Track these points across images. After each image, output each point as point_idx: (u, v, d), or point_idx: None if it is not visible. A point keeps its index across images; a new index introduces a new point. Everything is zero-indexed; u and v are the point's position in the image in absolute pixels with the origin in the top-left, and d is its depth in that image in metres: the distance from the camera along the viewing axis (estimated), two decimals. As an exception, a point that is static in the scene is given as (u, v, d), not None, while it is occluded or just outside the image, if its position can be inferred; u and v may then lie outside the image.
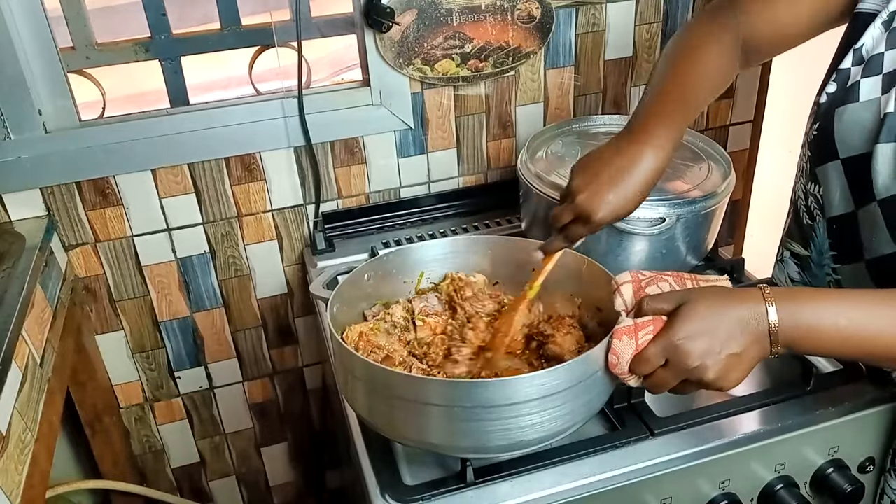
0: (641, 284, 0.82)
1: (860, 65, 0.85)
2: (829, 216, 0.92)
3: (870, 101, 0.83)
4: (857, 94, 0.84)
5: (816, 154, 0.91)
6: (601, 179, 0.86)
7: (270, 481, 1.71)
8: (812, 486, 0.95)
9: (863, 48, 0.85)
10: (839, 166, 0.87)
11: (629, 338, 0.75)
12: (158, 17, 1.33)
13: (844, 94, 0.86)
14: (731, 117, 1.61)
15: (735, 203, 1.70)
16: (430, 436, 0.79)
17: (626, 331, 0.76)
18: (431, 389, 0.76)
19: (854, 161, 0.85)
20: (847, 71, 0.87)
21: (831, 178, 0.89)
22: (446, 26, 1.31)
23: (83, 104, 1.30)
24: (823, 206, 0.93)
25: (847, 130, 0.85)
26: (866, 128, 0.83)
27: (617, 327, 0.77)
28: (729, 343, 0.72)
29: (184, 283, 1.41)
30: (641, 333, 0.75)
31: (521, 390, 0.74)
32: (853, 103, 0.84)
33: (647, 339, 0.75)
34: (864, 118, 0.83)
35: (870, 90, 0.83)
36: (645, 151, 0.86)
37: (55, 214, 1.27)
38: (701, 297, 0.75)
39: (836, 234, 0.92)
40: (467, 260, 1.05)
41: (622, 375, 0.77)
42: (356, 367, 0.81)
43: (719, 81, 0.93)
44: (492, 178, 1.50)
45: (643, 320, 0.76)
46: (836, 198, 0.89)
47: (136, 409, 1.50)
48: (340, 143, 1.37)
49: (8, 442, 0.90)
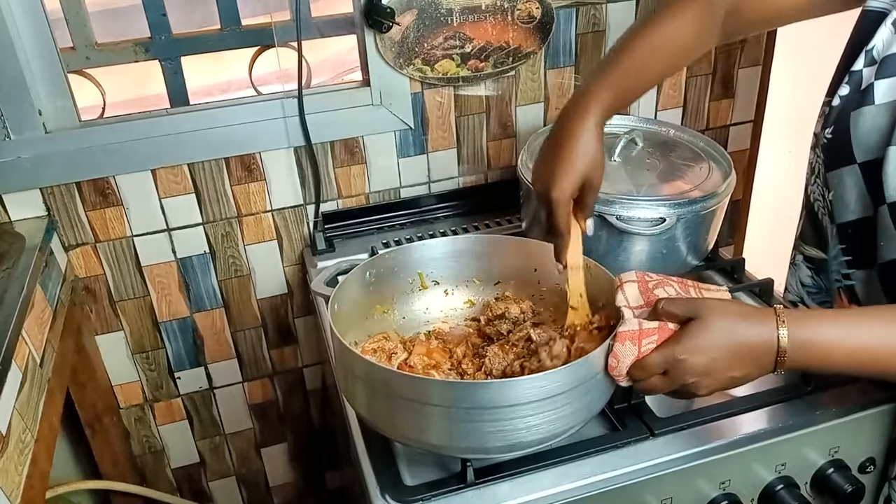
0: (649, 286, 0.81)
1: (872, 66, 0.84)
2: (841, 221, 0.91)
3: (886, 104, 0.82)
4: (872, 96, 0.83)
5: (830, 159, 0.90)
6: (549, 163, 0.86)
7: (270, 482, 1.71)
8: (812, 487, 0.95)
9: (874, 49, 0.84)
10: (856, 170, 0.86)
11: (632, 343, 0.75)
12: (158, 18, 1.33)
13: (859, 97, 0.84)
14: (731, 117, 1.61)
15: (735, 203, 1.70)
16: (429, 436, 0.79)
17: (629, 335, 0.75)
18: (431, 389, 0.76)
19: (871, 165, 0.84)
20: (860, 73, 0.85)
21: (846, 182, 0.88)
22: (446, 26, 1.31)
23: (83, 108, 1.30)
24: (833, 211, 0.92)
25: (865, 134, 0.84)
26: (884, 131, 0.81)
27: (620, 330, 0.76)
28: (732, 367, 0.73)
29: (184, 283, 1.41)
30: (645, 341, 0.75)
31: (520, 392, 0.74)
32: (869, 106, 0.83)
33: (649, 348, 0.75)
34: (881, 121, 0.82)
35: (886, 92, 0.82)
36: (581, 127, 0.85)
37: (55, 214, 1.27)
38: (714, 316, 0.73)
39: (850, 239, 0.91)
40: (468, 259, 1.05)
41: (617, 379, 0.77)
42: (356, 365, 0.80)
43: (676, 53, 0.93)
44: (492, 178, 1.49)
45: (648, 327, 0.75)
46: (852, 202, 0.88)
47: (135, 410, 1.50)
48: (340, 143, 1.37)
49: (8, 442, 0.90)
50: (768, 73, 1.57)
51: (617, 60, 0.90)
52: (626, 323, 0.77)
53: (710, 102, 1.58)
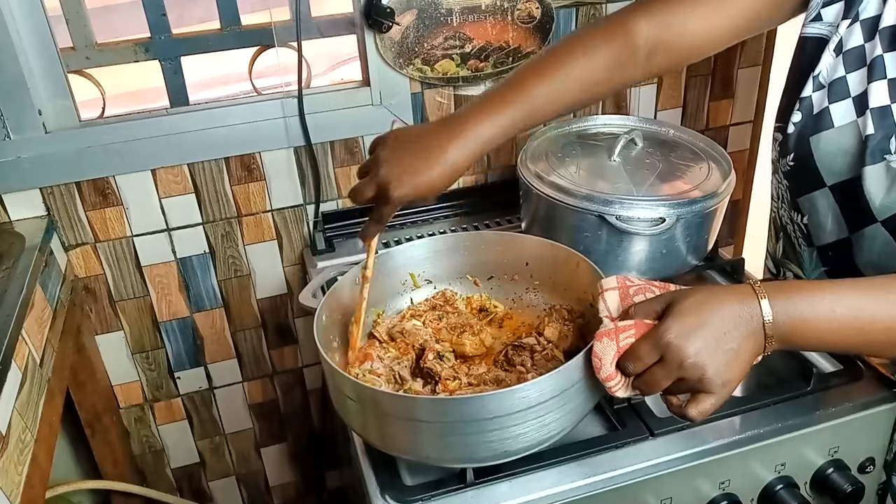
0: (629, 292, 0.80)
1: (821, 90, 0.86)
2: (821, 244, 0.91)
3: (846, 126, 0.83)
4: (829, 120, 0.84)
5: (798, 184, 0.90)
6: (408, 157, 0.84)
7: (270, 481, 1.71)
8: (812, 487, 0.95)
9: (820, 75, 0.86)
10: (827, 193, 0.86)
11: (609, 339, 0.74)
12: (158, 18, 1.33)
13: (815, 122, 0.86)
14: (731, 117, 1.61)
15: (735, 203, 1.70)
16: (420, 450, 0.80)
17: (605, 333, 0.75)
18: (417, 407, 0.77)
19: (842, 186, 0.85)
20: (809, 98, 0.87)
21: (819, 206, 0.88)
22: (446, 26, 1.31)
23: (82, 102, 1.30)
24: (810, 234, 0.92)
25: (829, 158, 0.85)
26: (849, 152, 0.83)
27: (597, 332, 0.76)
28: (724, 339, 0.70)
29: (184, 283, 1.41)
30: (622, 336, 0.74)
31: (503, 404, 0.74)
32: (827, 130, 0.84)
33: (628, 343, 0.74)
34: (845, 143, 0.83)
35: (843, 115, 0.84)
36: (456, 144, 0.84)
37: (55, 214, 1.27)
38: (691, 294, 0.73)
39: (832, 261, 0.91)
40: (454, 258, 1.05)
41: (608, 381, 0.75)
42: (345, 385, 0.81)
43: (577, 91, 0.90)
44: (492, 178, 1.49)
45: (624, 323, 0.75)
46: (828, 224, 0.88)
47: (135, 410, 1.50)
48: (340, 143, 1.37)
49: (8, 442, 0.90)
50: (768, 73, 1.57)
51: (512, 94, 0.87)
52: (603, 325, 0.76)
53: (709, 102, 1.58)
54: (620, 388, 0.75)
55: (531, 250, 1.02)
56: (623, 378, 0.75)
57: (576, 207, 1.06)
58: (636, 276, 0.84)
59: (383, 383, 0.90)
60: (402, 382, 0.91)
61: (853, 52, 0.84)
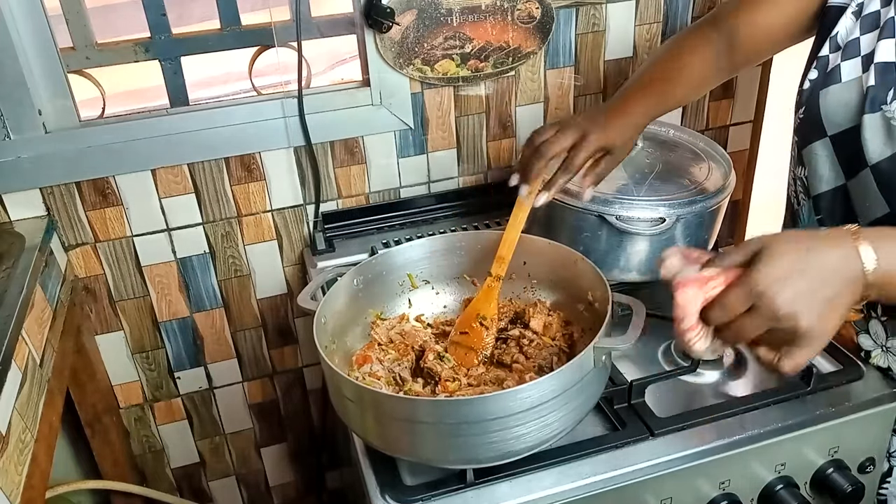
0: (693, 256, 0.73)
1: (837, 51, 0.90)
2: (816, 194, 0.94)
3: (852, 81, 0.87)
4: (838, 76, 0.89)
5: (803, 136, 0.94)
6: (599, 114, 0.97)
7: (270, 481, 1.71)
8: (812, 487, 0.95)
9: (837, 36, 0.91)
10: (827, 143, 0.90)
11: (696, 288, 0.67)
12: (158, 18, 1.33)
13: (825, 78, 0.91)
14: (731, 117, 1.61)
15: (735, 203, 1.70)
16: (422, 451, 0.80)
17: (691, 280, 0.67)
18: (419, 409, 0.77)
19: (841, 136, 0.88)
20: (826, 58, 0.91)
21: (819, 155, 0.92)
22: (446, 26, 1.31)
23: (82, 102, 1.30)
24: (808, 186, 0.95)
25: (832, 109, 0.89)
26: (850, 105, 0.87)
27: (679, 278, 0.68)
28: (822, 287, 0.65)
29: (184, 283, 1.41)
30: (711, 284, 0.67)
31: (506, 404, 0.74)
32: (835, 84, 0.89)
33: (715, 293, 0.67)
34: (848, 97, 0.87)
35: (850, 71, 0.88)
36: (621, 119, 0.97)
37: (55, 214, 1.27)
38: (785, 238, 0.67)
39: (823, 210, 0.94)
40: (451, 258, 1.05)
41: (690, 331, 0.68)
42: (344, 387, 0.81)
43: (697, 82, 1.04)
44: (492, 178, 1.49)
45: (710, 271, 0.68)
46: (826, 173, 0.92)
47: (135, 410, 1.50)
48: (340, 143, 1.37)
49: (8, 442, 0.90)
50: (768, 73, 1.57)
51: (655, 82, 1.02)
52: (685, 270, 0.69)
53: (709, 102, 1.58)
54: (700, 339, 0.69)
55: (530, 250, 1.02)
56: (704, 328, 0.69)
57: (576, 207, 1.06)
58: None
59: (383, 385, 0.90)
60: (403, 384, 0.91)
61: (870, 15, 0.88)
